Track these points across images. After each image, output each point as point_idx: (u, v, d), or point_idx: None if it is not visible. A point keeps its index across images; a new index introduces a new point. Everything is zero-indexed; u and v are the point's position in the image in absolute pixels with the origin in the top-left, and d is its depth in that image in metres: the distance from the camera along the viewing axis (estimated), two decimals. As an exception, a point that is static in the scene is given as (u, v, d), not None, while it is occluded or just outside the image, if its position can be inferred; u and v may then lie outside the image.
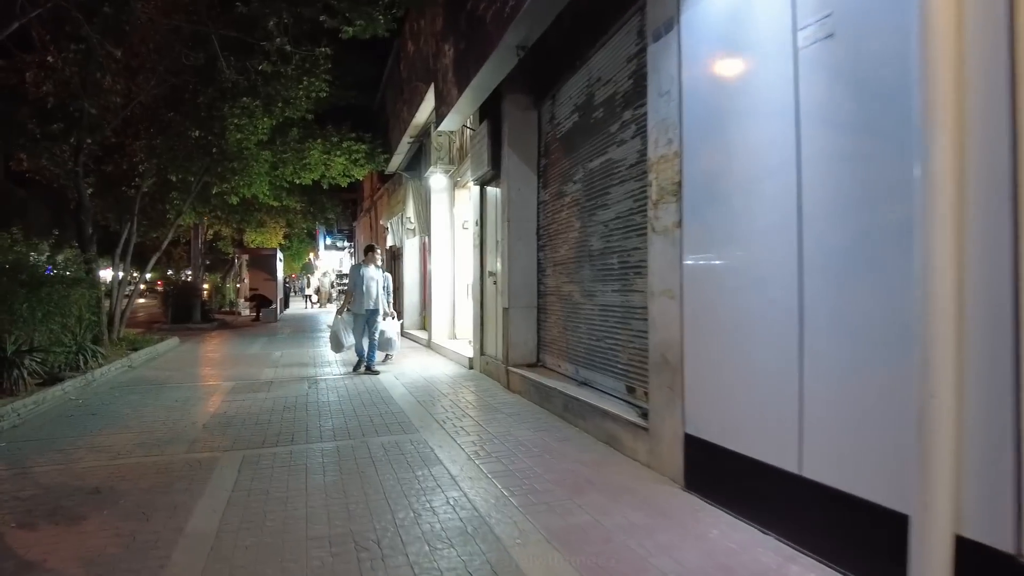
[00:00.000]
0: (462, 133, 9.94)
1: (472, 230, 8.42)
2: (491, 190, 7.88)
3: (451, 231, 11.32)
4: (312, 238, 33.42)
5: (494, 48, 5.79)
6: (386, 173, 14.55)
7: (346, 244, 30.10)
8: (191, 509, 3.49)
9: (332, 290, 29.70)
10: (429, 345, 11.41)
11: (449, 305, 11.35)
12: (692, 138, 3.63)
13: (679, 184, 3.72)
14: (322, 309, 25.62)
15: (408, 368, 8.87)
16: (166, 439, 5.06)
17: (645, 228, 4.51)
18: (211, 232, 24.75)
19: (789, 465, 2.90)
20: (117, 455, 4.62)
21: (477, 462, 4.30)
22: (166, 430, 5.36)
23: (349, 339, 8.53)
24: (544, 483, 3.83)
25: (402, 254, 14.52)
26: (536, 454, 4.47)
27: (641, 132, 4.62)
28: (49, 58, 8.73)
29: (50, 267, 9.90)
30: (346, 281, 29.15)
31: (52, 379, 7.33)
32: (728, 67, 3.34)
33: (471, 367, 8.50)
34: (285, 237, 29.60)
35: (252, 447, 4.80)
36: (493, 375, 7.54)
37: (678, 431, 3.74)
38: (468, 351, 9.17)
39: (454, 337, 11.25)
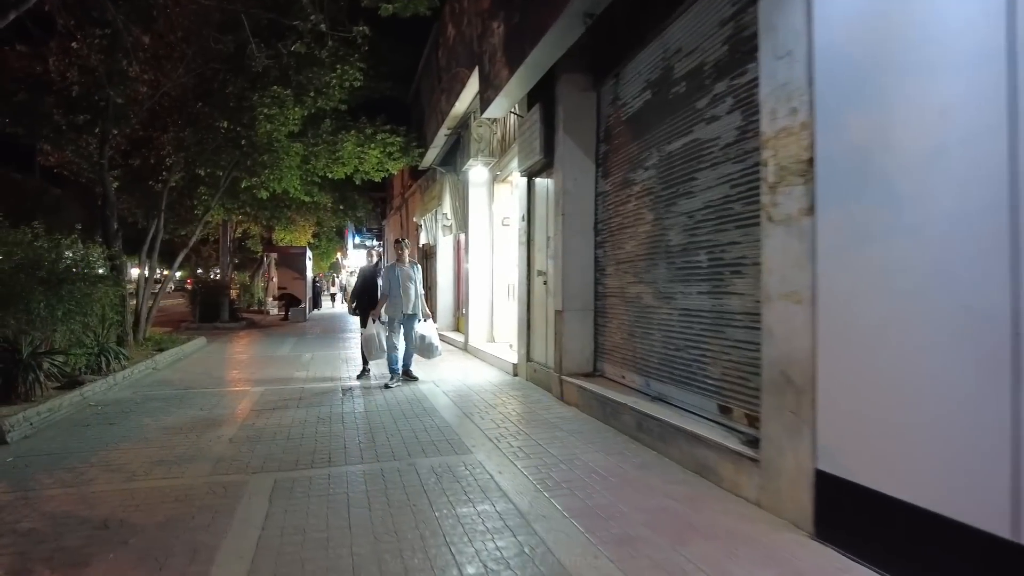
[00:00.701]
0: (505, 123, 9.30)
1: (518, 226, 7.77)
2: (541, 182, 7.21)
3: (490, 228, 10.68)
4: (340, 237, 33.13)
5: (557, 16, 5.12)
6: (420, 168, 13.97)
7: (375, 243, 29.69)
8: (213, 553, 2.88)
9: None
10: (466, 348, 10.78)
11: (487, 306, 10.71)
12: (828, 104, 2.92)
13: (809, 162, 3.00)
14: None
15: (447, 374, 8.25)
16: (188, 456, 4.49)
17: (747, 218, 3.80)
18: (240, 230, 24.58)
19: (997, 527, 2.17)
20: (132, 476, 4.04)
21: (547, 495, 3.63)
22: (188, 444, 4.80)
23: (384, 346, 7.52)
24: (636, 526, 3.15)
25: (435, 252, 13.93)
26: (615, 485, 3.79)
27: (742, 105, 3.90)
28: (73, 44, 8.29)
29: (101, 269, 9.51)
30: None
31: (72, 383, 6.86)
32: (891, 9, 2.62)
33: (515, 374, 7.84)
34: (314, 236, 29.37)
35: (284, 468, 4.20)
36: (543, 384, 6.87)
37: (805, 466, 3.02)
38: (510, 356, 8.51)
39: (492, 340, 10.61)
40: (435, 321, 13.56)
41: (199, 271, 30.10)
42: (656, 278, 5.02)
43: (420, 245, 15.07)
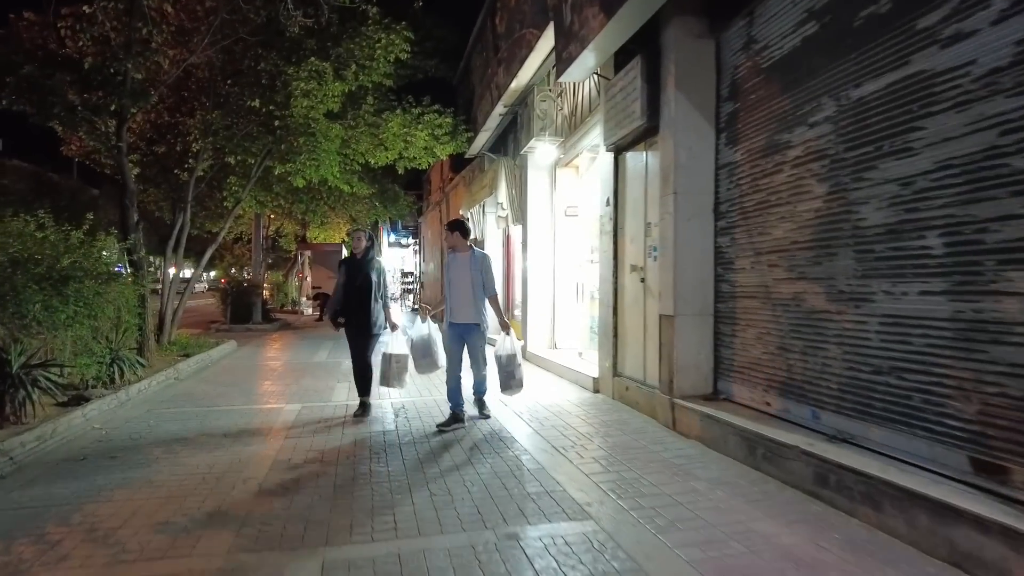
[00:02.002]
0: (575, 94, 7.99)
1: (602, 212, 6.45)
2: (634, 156, 5.90)
3: (551, 219, 9.39)
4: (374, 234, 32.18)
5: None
6: (467, 156, 12.74)
7: (411, 241, 28.61)
8: None
9: (391, 288, 28.12)
10: (524, 356, 9.50)
11: (548, 308, 9.42)
12: None
13: None
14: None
15: (512, 388, 6.99)
16: (203, 514, 3.29)
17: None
18: (273, 228, 23.72)
19: None
20: (122, 553, 2.85)
21: (745, 608, 2.32)
22: (204, 494, 3.61)
23: (440, 353, 5.55)
24: None
25: (482, 248, 12.67)
26: (839, 588, 2.46)
27: (1031, 3, 2.55)
28: (85, 8, 7.25)
29: (120, 265, 8.51)
30: (410, 280, 27.65)
31: (77, 398, 5.79)
32: None
33: (597, 390, 6.53)
34: (348, 234, 28.45)
35: (335, 540, 2.97)
36: (642, 407, 5.55)
37: None
38: (584, 367, 7.21)
39: (554, 346, 9.32)
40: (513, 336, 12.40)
41: (232, 270, 29.42)
42: (833, 272, 3.67)
43: (469, 240, 13.83)
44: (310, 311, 21.33)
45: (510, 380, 5.38)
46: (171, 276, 10.74)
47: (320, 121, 8.96)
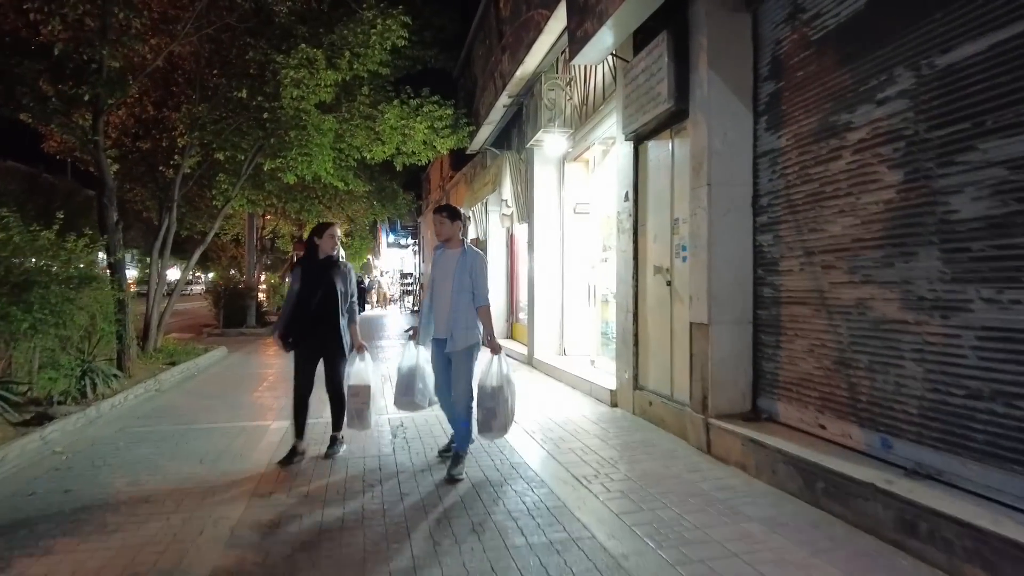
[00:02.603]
0: (585, 82, 7.42)
1: (619, 208, 5.86)
2: (658, 145, 5.32)
3: (559, 217, 8.81)
4: (373, 234, 31.61)
5: None
6: (468, 152, 12.15)
7: (410, 242, 28.04)
8: None
9: (389, 289, 27.44)
10: (530, 363, 8.93)
11: (556, 312, 8.84)
12: None
13: None
14: (383, 311, 23.58)
15: (519, 399, 6.40)
16: (160, 573, 2.71)
17: None
18: (269, 229, 23.12)
19: None
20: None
21: None
22: (167, 540, 3.02)
23: (427, 390, 4.38)
24: None
25: (485, 248, 12.10)
26: None
27: None
28: (55, -11, 6.67)
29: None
30: (410, 281, 27.08)
31: (40, 417, 5.22)
32: None
33: (614, 403, 5.94)
34: (347, 235, 27.84)
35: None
36: (669, 425, 4.96)
37: None
38: (599, 377, 6.63)
39: (562, 353, 8.74)
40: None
41: (232, 271, 28.66)
42: (911, 276, 3.08)
43: (471, 240, 13.24)
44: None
45: (491, 420, 3.97)
46: (157, 279, 10.17)
47: (312, 113, 8.37)
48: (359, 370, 4.47)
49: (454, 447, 4.17)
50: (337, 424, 4.64)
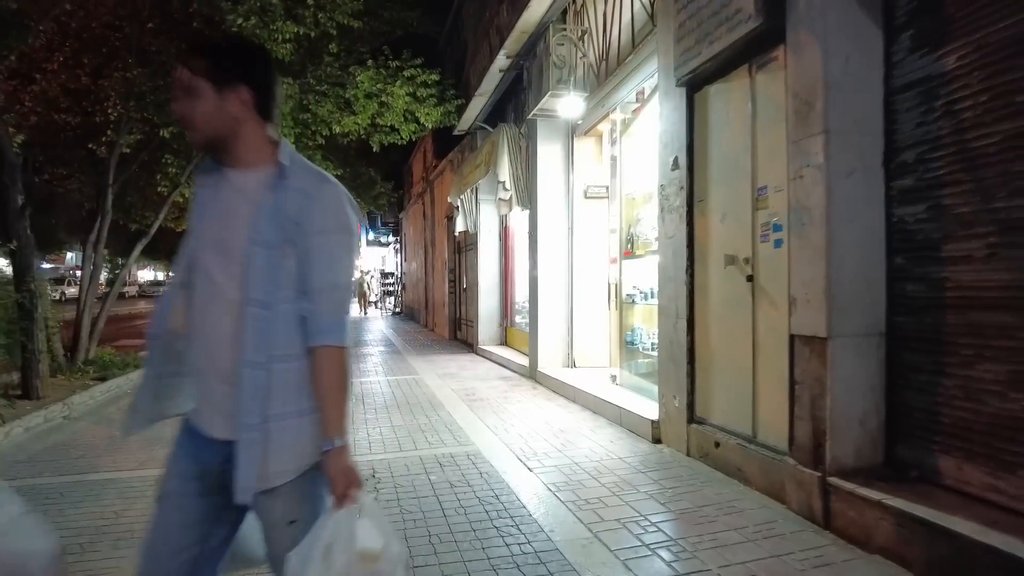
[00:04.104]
0: (605, 31, 6.01)
1: (664, 181, 4.42)
2: (727, 89, 3.91)
3: (567, 201, 7.39)
4: (352, 233, 29.88)
5: None
6: (456, 133, 10.67)
7: (391, 239, 26.45)
8: None
9: (369, 289, 25.71)
10: (533, 376, 7.49)
11: (564, 315, 7.42)
12: None
13: None
14: (363, 316, 21.95)
15: (526, 428, 4.98)
16: None
17: None
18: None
19: None
20: None
21: None
22: None
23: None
24: None
25: (476, 242, 10.66)
26: None
27: None
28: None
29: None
30: (391, 281, 25.37)
31: None
32: None
33: (656, 437, 4.52)
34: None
35: None
36: (751, 477, 3.55)
37: None
38: (629, 401, 5.22)
39: (572, 365, 7.32)
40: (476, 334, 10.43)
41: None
42: None
43: (457, 234, 11.77)
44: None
45: None
46: (89, 278, 8.59)
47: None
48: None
49: None
50: None
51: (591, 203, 7.22)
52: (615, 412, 5.16)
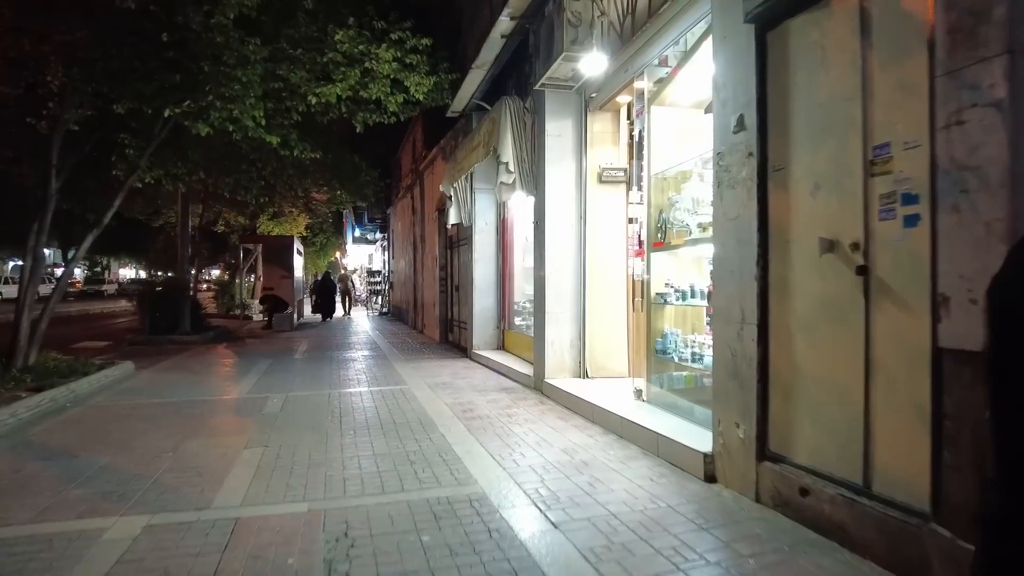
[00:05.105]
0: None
1: (722, 148, 3.46)
2: (817, 19, 2.96)
3: (578, 185, 6.43)
4: (339, 230, 28.80)
5: None
6: (450, 114, 9.65)
7: (378, 236, 25.35)
8: None
9: (353, 289, 24.67)
10: (539, 388, 6.52)
11: (574, 317, 6.45)
12: None
13: None
14: (347, 317, 20.83)
15: (538, 459, 4.01)
16: None
17: None
18: (220, 224, 20.21)
19: None
20: None
21: None
22: None
23: None
24: None
25: (471, 236, 9.67)
26: None
27: None
28: None
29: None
30: (377, 280, 24.32)
31: None
32: None
33: (710, 475, 3.55)
34: (307, 228, 24.95)
35: None
36: (855, 539, 2.60)
37: None
38: (667, 426, 4.27)
39: (583, 376, 6.36)
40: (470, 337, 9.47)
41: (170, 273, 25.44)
42: None
43: (449, 226, 10.76)
44: (259, 316, 18.03)
45: None
46: (29, 273, 7.54)
47: (229, 32, 5.80)
48: None
49: None
50: None
51: (606, 188, 6.26)
52: (650, 439, 4.19)
